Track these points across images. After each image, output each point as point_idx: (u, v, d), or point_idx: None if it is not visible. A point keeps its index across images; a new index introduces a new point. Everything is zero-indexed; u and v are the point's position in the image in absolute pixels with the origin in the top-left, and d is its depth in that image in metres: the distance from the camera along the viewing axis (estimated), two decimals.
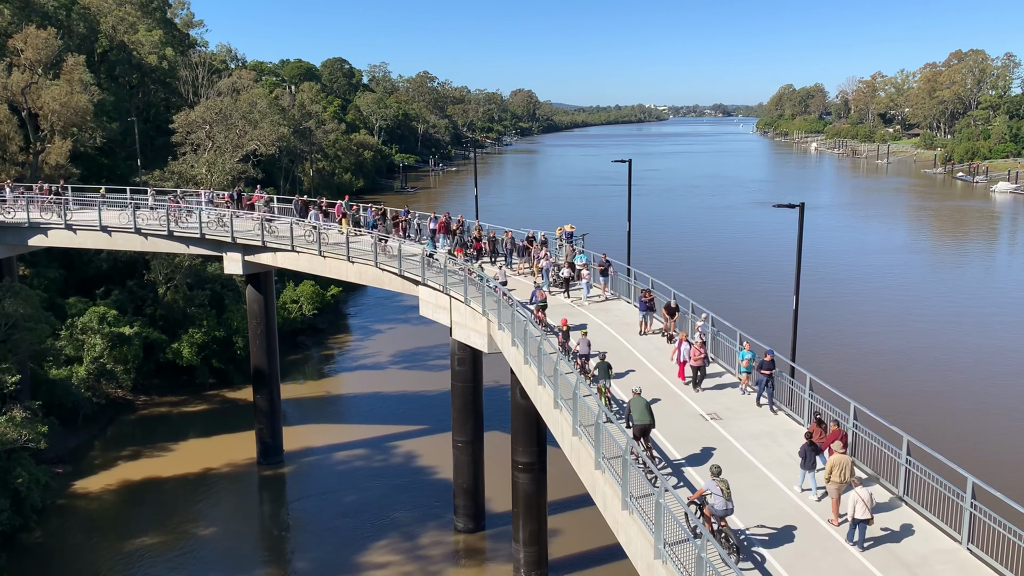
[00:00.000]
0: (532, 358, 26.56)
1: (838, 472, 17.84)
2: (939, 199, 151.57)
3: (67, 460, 43.52)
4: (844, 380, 41.60)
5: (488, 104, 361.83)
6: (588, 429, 21.25)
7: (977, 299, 75.03)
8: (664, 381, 26.33)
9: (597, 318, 33.14)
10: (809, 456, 19.03)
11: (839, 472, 17.84)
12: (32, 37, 61.46)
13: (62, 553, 35.17)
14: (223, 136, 75.51)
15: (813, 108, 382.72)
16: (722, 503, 16.43)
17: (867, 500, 16.69)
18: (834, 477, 17.89)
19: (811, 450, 19.05)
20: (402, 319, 70.97)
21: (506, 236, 41.76)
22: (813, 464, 19.10)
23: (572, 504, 37.06)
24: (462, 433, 36.29)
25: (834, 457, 18.15)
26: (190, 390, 53.96)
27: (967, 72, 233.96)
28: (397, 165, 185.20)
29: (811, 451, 19.05)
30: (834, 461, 17.99)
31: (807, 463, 19.06)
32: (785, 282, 68.51)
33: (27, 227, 44.48)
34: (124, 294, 55.78)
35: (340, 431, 48.42)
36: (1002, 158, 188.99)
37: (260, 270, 43.39)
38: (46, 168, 58.78)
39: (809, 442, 19.15)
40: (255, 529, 38.36)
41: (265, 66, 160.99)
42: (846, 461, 17.95)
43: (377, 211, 45.52)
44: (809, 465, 19.07)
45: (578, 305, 34.95)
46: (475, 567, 34.77)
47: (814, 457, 19.09)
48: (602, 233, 62.46)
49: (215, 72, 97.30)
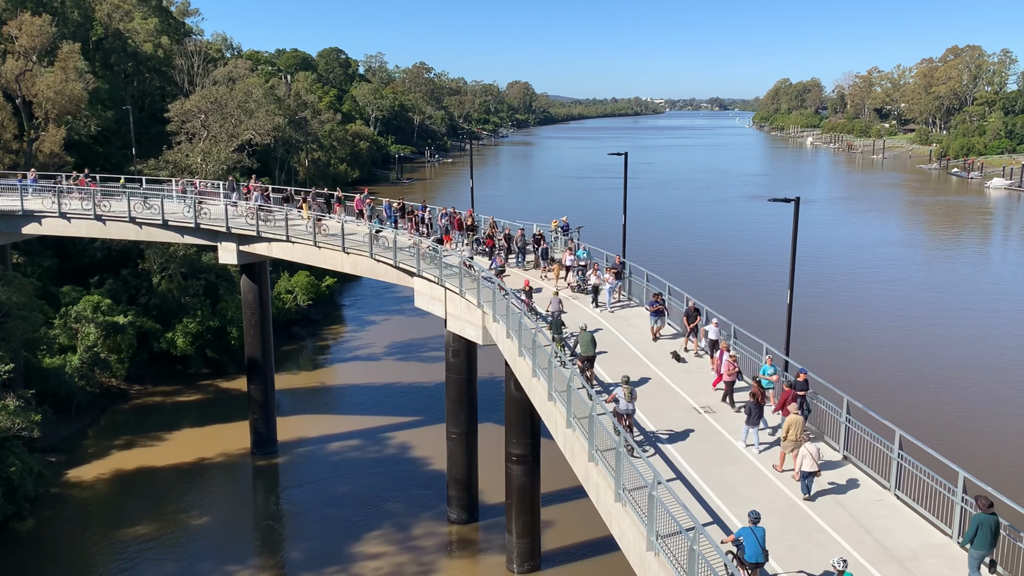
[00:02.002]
0: (526, 350, 26.59)
1: (794, 431, 19.45)
2: (934, 195, 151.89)
3: (60, 449, 43.47)
4: (836, 373, 41.78)
5: (484, 96, 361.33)
6: (582, 421, 21.30)
7: (969, 292, 75.26)
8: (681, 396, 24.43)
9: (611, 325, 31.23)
10: (754, 413, 20.76)
11: (794, 430, 19.43)
12: (27, 24, 61.18)
13: (55, 542, 35.17)
14: (218, 125, 75.28)
15: (809, 103, 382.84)
16: (624, 404, 20.69)
17: (815, 455, 18.38)
18: (790, 435, 19.48)
19: (756, 408, 20.75)
20: (397, 310, 70.96)
21: (519, 233, 40.10)
22: (757, 421, 20.85)
23: (565, 496, 37.17)
24: (456, 424, 36.34)
25: (790, 417, 19.71)
26: (184, 380, 53.89)
27: (963, 68, 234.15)
28: (393, 156, 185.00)
29: (756, 409, 20.76)
30: (790, 421, 19.62)
31: (751, 420, 20.82)
32: (779, 275, 68.79)
33: (21, 215, 44.32)
34: (118, 283, 55.65)
35: (334, 422, 48.45)
36: (997, 154, 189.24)
37: (255, 260, 43.32)
38: (40, 156, 58.58)
39: (755, 400, 20.76)
40: (248, 519, 38.37)
41: (261, 55, 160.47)
42: (799, 420, 19.64)
43: (398, 205, 44.91)
44: (753, 422, 20.81)
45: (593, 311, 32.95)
46: (468, 558, 34.86)
47: (758, 415, 20.82)
48: (597, 226, 62.56)
49: (211, 61, 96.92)
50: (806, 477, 18.60)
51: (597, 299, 33.56)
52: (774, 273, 77.49)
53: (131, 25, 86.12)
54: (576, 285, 35.50)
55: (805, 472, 18.56)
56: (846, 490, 19.21)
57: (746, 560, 14.82)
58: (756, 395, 21.00)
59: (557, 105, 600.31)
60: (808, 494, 18.69)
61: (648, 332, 30.03)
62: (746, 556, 14.81)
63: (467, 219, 42.48)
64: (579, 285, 35.33)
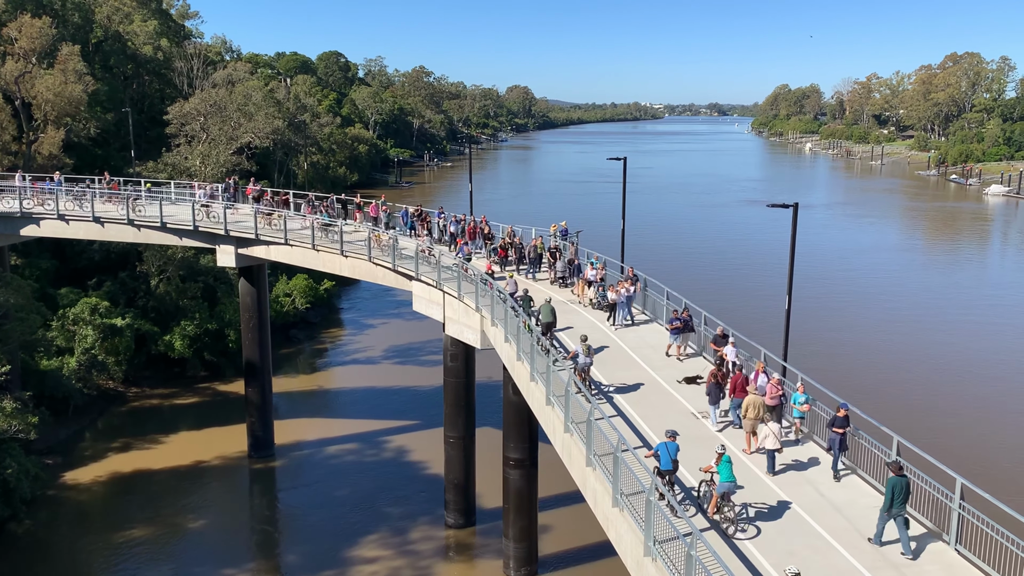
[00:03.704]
0: (525, 354, 26.57)
1: (753, 410, 20.55)
2: (932, 200, 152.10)
3: (57, 451, 43.38)
4: (832, 378, 41.75)
5: (484, 100, 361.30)
6: (580, 426, 21.28)
7: (967, 296, 75.32)
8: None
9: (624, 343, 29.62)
10: (714, 393, 22.26)
11: (754, 410, 20.54)
12: (27, 26, 61.20)
13: (51, 544, 35.07)
14: (217, 128, 75.24)
15: (808, 108, 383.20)
16: (583, 359, 24.34)
17: (776, 433, 19.52)
18: (749, 414, 20.59)
19: (716, 388, 22.21)
20: (395, 314, 70.92)
21: (535, 242, 38.68)
22: (717, 400, 22.33)
23: (563, 500, 37.14)
24: (454, 429, 36.29)
25: (749, 397, 20.84)
26: (182, 382, 53.83)
27: (962, 75, 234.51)
28: (392, 160, 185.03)
29: (716, 390, 22.22)
30: (749, 400, 20.75)
31: (712, 399, 22.33)
32: (778, 278, 68.73)
33: (19, 217, 44.28)
34: (116, 285, 55.60)
35: (331, 425, 48.39)
36: (995, 161, 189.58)
37: (253, 263, 43.29)
38: (39, 158, 58.57)
39: (716, 381, 22.20)
40: (245, 522, 38.32)
41: (260, 58, 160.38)
42: (759, 400, 20.75)
43: (415, 211, 44.29)
44: (714, 400, 22.32)
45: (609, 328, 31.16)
46: (465, 563, 34.82)
47: (718, 395, 22.28)
48: (596, 230, 62.58)
49: (210, 64, 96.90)
50: (768, 454, 19.64)
51: (615, 317, 31.67)
52: (772, 277, 77.53)
53: (131, 27, 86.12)
54: (595, 301, 33.67)
55: (768, 449, 19.52)
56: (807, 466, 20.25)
57: (660, 468, 18.07)
58: (716, 376, 22.40)
59: (557, 110, 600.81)
60: (772, 471, 19.65)
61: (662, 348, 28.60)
62: (660, 464, 18.16)
63: (483, 226, 41.42)
64: (598, 302, 33.47)
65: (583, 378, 24.07)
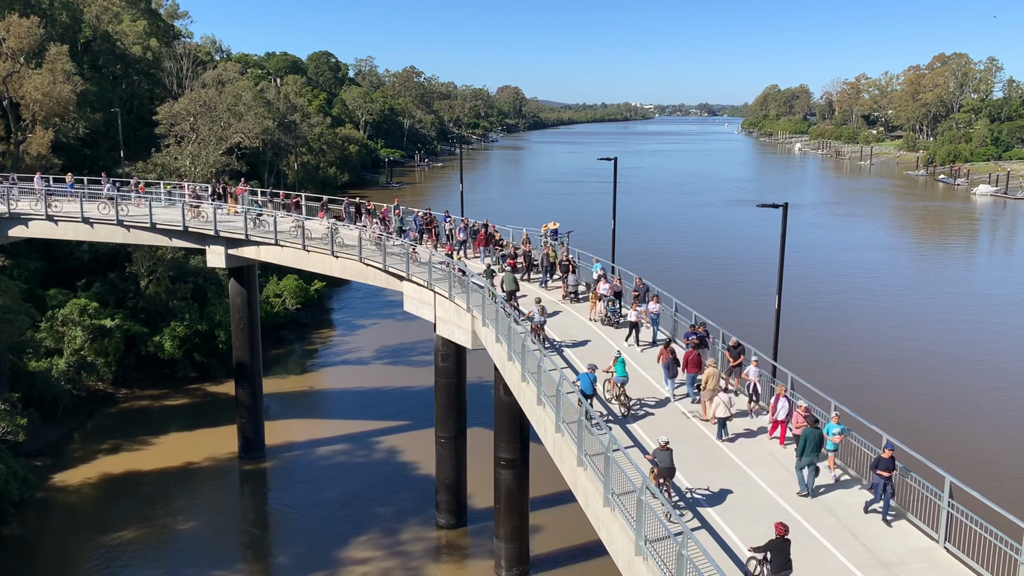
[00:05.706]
0: (516, 355, 26.58)
1: (711, 381, 22.62)
2: (921, 200, 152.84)
3: (46, 453, 43.15)
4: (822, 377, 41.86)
5: (475, 100, 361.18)
6: (571, 426, 21.31)
7: (953, 294, 75.74)
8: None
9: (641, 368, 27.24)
10: (672, 368, 24.48)
11: (712, 381, 22.62)
12: (14, 26, 60.77)
13: (40, 547, 34.88)
14: (207, 128, 74.95)
15: (798, 109, 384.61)
16: (538, 318, 28.25)
17: (727, 403, 21.55)
18: (709, 385, 22.61)
19: (673, 364, 24.45)
20: (386, 314, 70.80)
21: (547, 250, 37.25)
22: (674, 375, 24.53)
23: (554, 500, 37.16)
24: (445, 429, 36.27)
25: (708, 370, 22.92)
26: (171, 383, 53.61)
27: (950, 75, 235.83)
28: (382, 160, 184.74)
29: (673, 365, 24.46)
30: (708, 373, 22.85)
31: (669, 373, 24.54)
32: (767, 277, 69.13)
33: (7, 217, 44.02)
34: (106, 286, 55.33)
35: (322, 426, 48.29)
36: (983, 161, 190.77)
37: (243, 263, 43.16)
38: (27, 159, 58.24)
39: (673, 358, 24.39)
40: (236, 524, 38.17)
41: (250, 58, 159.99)
42: (716, 372, 22.86)
43: (423, 215, 43.59)
44: (671, 375, 24.53)
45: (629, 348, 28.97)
46: (456, 563, 34.80)
47: (675, 369, 24.49)
48: (586, 230, 62.62)
49: (200, 64, 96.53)
50: (720, 421, 21.58)
51: (638, 337, 29.23)
52: (761, 275, 77.78)
53: (120, 27, 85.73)
54: (606, 317, 31.52)
55: (720, 417, 21.51)
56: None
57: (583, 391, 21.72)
58: (672, 353, 24.64)
59: (547, 110, 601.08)
60: (724, 437, 21.66)
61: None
62: (582, 388, 22.04)
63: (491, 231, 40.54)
64: (609, 318, 31.35)
65: (539, 336, 27.36)
